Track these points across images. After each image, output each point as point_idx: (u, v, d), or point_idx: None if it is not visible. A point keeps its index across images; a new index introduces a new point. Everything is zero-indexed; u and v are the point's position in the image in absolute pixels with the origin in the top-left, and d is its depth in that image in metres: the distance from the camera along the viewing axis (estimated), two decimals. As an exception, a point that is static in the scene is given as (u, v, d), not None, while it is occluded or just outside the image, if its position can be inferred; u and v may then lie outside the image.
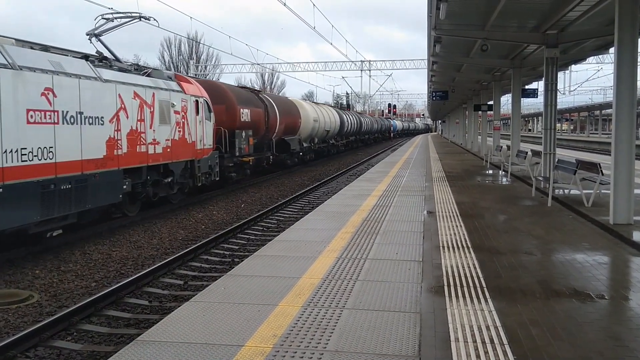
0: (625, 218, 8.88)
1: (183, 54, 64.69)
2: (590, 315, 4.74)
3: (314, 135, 30.68)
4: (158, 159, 13.05)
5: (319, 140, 32.60)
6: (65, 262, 9.38)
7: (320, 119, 31.44)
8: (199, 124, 15.37)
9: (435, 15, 13.82)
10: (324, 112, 33.85)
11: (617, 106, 9.05)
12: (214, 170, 16.34)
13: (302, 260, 6.55)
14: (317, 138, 31.70)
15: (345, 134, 41.68)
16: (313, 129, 29.82)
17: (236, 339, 4.17)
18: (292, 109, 26.75)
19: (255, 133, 20.54)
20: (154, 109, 12.80)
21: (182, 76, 15.84)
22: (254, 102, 21.01)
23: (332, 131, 35.43)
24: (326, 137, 34.30)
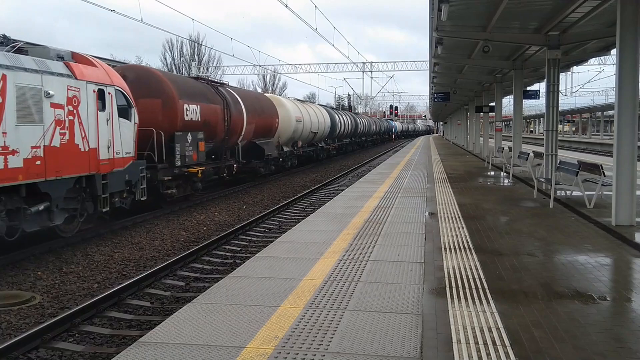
0: (628, 219, 8.86)
1: (185, 55, 64.82)
2: (592, 317, 4.73)
3: (298, 138, 26.81)
4: (15, 177, 8.68)
5: (305, 144, 28.93)
6: (67, 264, 9.38)
7: (305, 119, 27.34)
8: (106, 123, 11.09)
9: (437, 17, 13.80)
10: (311, 111, 29.68)
11: (619, 107, 9.04)
12: (139, 186, 12.28)
13: (303, 261, 6.54)
14: (302, 141, 27.92)
15: (338, 136, 37.85)
16: (296, 131, 25.85)
17: (238, 340, 4.16)
18: (266, 107, 22.47)
19: (209, 136, 16.29)
20: (5, 99, 8.57)
21: (83, 56, 11.23)
22: (207, 97, 16.47)
23: (321, 133, 31.61)
24: (314, 139, 30.38)
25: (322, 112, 32.65)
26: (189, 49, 64.12)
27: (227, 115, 17.57)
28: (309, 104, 32.40)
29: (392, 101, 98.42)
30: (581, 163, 11.71)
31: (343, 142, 40.96)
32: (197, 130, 15.46)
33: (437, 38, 15.86)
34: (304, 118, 27.19)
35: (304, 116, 27.33)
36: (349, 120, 41.77)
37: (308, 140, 29.21)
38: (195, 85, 16.66)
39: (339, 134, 37.79)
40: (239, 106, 18.98)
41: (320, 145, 32.48)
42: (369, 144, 57.76)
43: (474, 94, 34.43)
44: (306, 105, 30.68)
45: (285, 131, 24.65)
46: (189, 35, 61.04)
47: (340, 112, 42.06)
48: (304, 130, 27.46)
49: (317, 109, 32.07)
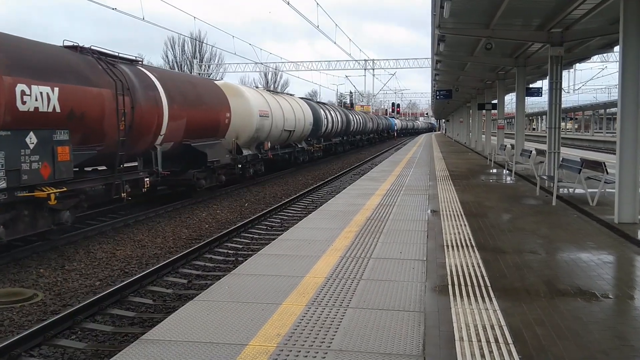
0: (631, 217, 8.84)
1: (187, 53, 64.85)
2: (595, 315, 4.72)
3: (265, 138, 21.19)
4: None
5: (277, 145, 23.53)
6: (69, 261, 9.40)
7: (275, 114, 21.92)
8: None
9: (439, 14, 13.77)
10: (285, 104, 24.18)
11: (622, 105, 9.01)
12: None
13: (305, 259, 6.54)
14: (272, 142, 22.25)
15: (325, 134, 32.47)
16: (260, 129, 20.26)
17: (240, 337, 4.16)
18: (208, 96, 16.15)
19: (88, 137, 10.62)
20: None
21: None
22: (79, 75, 10.47)
23: (300, 132, 26.25)
24: (289, 139, 25.01)
25: (302, 107, 26.99)
26: (190, 46, 64.16)
27: (127, 104, 11.63)
28: (284, 96, 26.54)
29: (394, 99, 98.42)
30: (584, 160, 11.68)
31: (332, 142, 35.76)
32: (53, 127, 9.55)
33: (439, 35, 15.82)
34: (273, 113, 21.67)
35: (273, 110, 21.84)
36: (338, 117, 36.45)
37: (281, 140, 23.64)
38: (53, 55, 10.20)
39: (325, 132, 32.46)
40: (154, 93, 13.02)
41: (300, 146, 27.05)
42: (364, 144, 52.13)
43: (476, 91, 34.37)
44: (278, 96, 24.87)
45: (244, 129, 19.09)
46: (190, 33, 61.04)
47: (328, 106, 36.64)
48: (274, 128, 21.93)
49: (294, 102, 26.46)
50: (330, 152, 36.76)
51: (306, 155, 28.27)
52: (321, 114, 31.14)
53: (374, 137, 58.08)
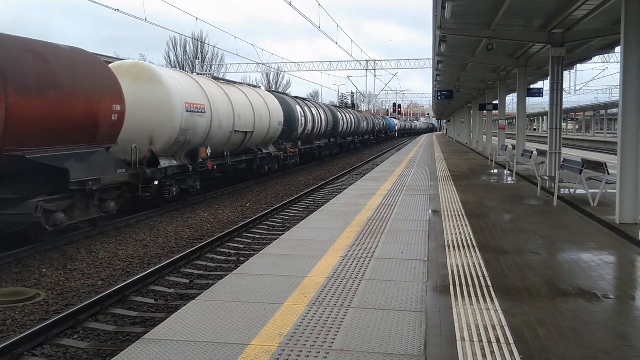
0: (632, 217, 8.84)
1: (188, 53, 64.89)
2: (597, 315, 4.73)
3: (201, 143, 15.27)
4: None
5: (228, 151, 17.57)
6: (71, 261, 9.41)
7: (219, 109, 16.05)
8: None
9: (441, 14, 13.78)
10: (237, 97, 18.20)
11: (623, 105, 9.01)
12: None
13: (307, 259, 6.55)
14: (216, 147, 16.41)
15: (302, 136, 26.93)
16: (191, 130, 14.41)
17: (241, 337, 4.17)
18: (69, 76, 10.28)
19: None
20: None
21: None
22: None
23: (264, 133, 20.56)
24: (244, 143, 18.89)
25: (267, 101, 21.24)
26: (192, 47, 64.20)
27: None
28: (240, 86, 20.47)
29: (395, 99, 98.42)
30: (585, 161, 11.68)
31: (314, 144, 30.08)
32: None
33: (441, 35, 15.83)
34: (214, 107, 15.73)
35: (215, 104, 15.81)
36: (322, 115, 30.85)
37: (232, 145, 17.88)
38: None
39: (303, 133, 27.01)
40: None
41: (266, 151, 21.28)
42: (357, 146, 46.36)
43: (478, 91, 34.37)
44: (229, 87, 18.77)
45: (162, 130, 13.46)
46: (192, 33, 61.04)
47: (308, 102, 30.80)
48: (216, 129, 15.95)
49: (254, 95, 20.56)
50: (313, 157, 30.86)
51: (274, 162, 22.37)
52: (296, 111, 25.56)
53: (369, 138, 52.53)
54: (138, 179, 12.61)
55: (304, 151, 28.26)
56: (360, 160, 35.22)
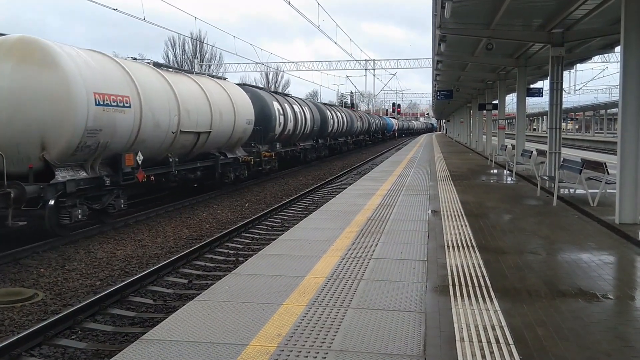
0: (631, 217, 8.83)
1: (187, 53, 64.89)
2: (596, 316, 4.71)
3: (127, 148, 12.08)
4: None
5: (176, 158, 14.42)
6: (69, 261, 9.39)
7: (156, 103, 12.90)
8: None
9: (440, 14, 13.77)
10: (188, 89, 14.95)
11: (623, 105, 9.00)
12: None
13: (306, 259, 6.53)
14: (153, 153, 13.31)
15: (283, 139, 23.82)
16: (107, 131, 11.15)
17: (240, 338, 4.15)
18: None
19: None
20: None
21: None
22: None
23: (227, 134, 17.11)
24: (198, 148, 15.50)
25: (232, 95, 17.59)
26: (191, 46, 64.19)
27: None
28: (195, 77, 16.54)
29: (394, 99, 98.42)
30: (585, 161, 11.67)
31: (298, 147, 26.75)
32: None
33: (441, 35, 15.82)
34: (147, 101, 12.39)
35: (148, 98, 12.49)
36: (306, 114, 27.47)
37: (182, 150, 14.56)
38: None
39: (283, 134, 23.54)
40: None
41: (232, 156, 17.89)
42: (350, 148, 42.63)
43: (477, 91, 34.37)
44: (179, 76, 15.19)
45: (58, 132, 10.18)
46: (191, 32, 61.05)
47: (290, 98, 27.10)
48: (150, 130, 12.61)
49: (214, 86, 16.97)
50: (298, 161, 27.85)
51: (242, 168, 18.60)
52: (272, 108, 22.02)
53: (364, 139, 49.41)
54: (6, 201, 9.17)
55: (286, 155, 24.95)
56: (359, 161, 35.17)
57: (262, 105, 21.42)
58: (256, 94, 21.75)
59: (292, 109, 25.09)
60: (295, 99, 28.57)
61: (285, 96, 27.05)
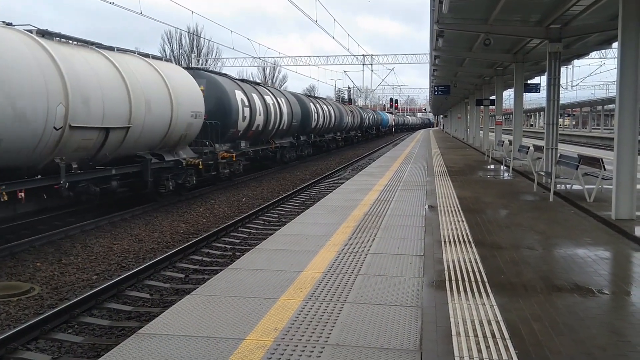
0: (628, 213, 8.85)
1: (184, 47, 64.68)
2: (592, 311, 4.73)
3: None
4: None
5: (67, 164, 10.51)
6: (66, 255, 9.38)
7: (22, 87, 9.11)
8: None
9: (438, 9, 13.76)
10: (95, 67, 11.29)
11: (620, 101, 9.01)
12: None
13: (303, 254, 6.53)
14: (23, 156, 9.50)
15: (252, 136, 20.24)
16: None
17: (237, 332, 4.16)
18: None
19: None
20: None
21: None
22: None
23: (162, 132, 13.54)
24: (109, 149, 11.66)
25: (169, 80, 13.85)
26: (187, 40, 63.97)
27: None
28: (108, 52, 12.37)
29: (392, 94, 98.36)
30: (581, 157, 11.69)
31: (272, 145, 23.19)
32: None
33: (438, 31, 15.80)
34: (4, 84, 8.85)
35: (7, 80, 8.93)
36: (285, 107, 24.00)
37: (79, 152, 10.98)
38: None
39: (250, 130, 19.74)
40: None
41: (171, 158, 14.14)
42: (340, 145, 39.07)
43: (475, 87, 34.38)
44: (76, 49, 11.39)
45: None
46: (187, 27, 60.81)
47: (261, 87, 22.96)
48: (9, 126, 8.96)
49: (142, 67, 13.19)
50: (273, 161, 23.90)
51: (188, 174, 14.57)
52: (234, 98, 18.06)
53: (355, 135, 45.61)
54: None
55: (256, 155, 21.42)
56: (351, 158, 35.13)
57: (219, 95, 17.68)
58: (212, 81, 17.93)
59: (262, 100, 21.07)
60: (268, 88, 24.43)
61: (255, 85, 22.46)
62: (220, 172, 17.11)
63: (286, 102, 24.81)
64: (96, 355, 5.53)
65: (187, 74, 15.64)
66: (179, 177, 14.46)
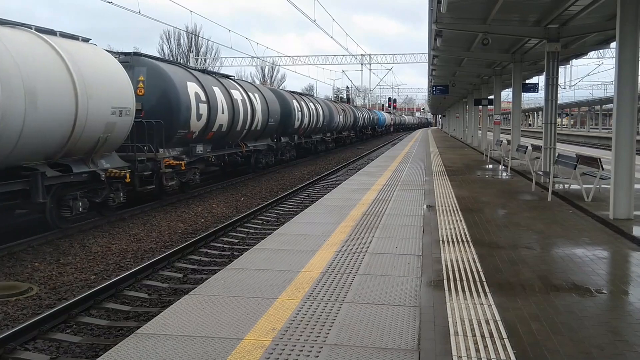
0: (626, 213, 8.87)
1: (182, 46, 64.64)
2: (590, 310, 4.74)
3: None
4: None
5: None
6: (64, 255, 9.37)
7: None
8: None
9: (437, 9, 13.77)
10: None
11: (618, 101, 9.02)
12: None
13: (301, 254, 6.54)
14: None
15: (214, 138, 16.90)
16: None
17: (235, 332, 4.16)
18: None
19: None
20: None
21: None
22: None
23: (62, 135, 9.91)
24: None
25: (75, 63, 10.32)
26: (186, 40, 63.93)
27: None
28: None
29: (390, 94, 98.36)
30: (579, 156, 11.70)
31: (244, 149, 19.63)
32: None
33: (437, 30, 15.81)
34: None
35: None
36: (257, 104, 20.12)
37: None
38: None
39: (207, 132, 16.07)
40: None
41: (80, 170, 10.70)
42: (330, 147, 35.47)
43: (473, 86, 34.39)
44: None
45: None
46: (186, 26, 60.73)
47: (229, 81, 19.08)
48: None
49: (28, 45, 9.52)
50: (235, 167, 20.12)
51: (111, 189, 11.80)
52: (186, 91, 14.62)
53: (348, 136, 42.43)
54: None
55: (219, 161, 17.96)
56: (350, 157, 35.13)
57: (165, 88, 14.05)
58: (155, 70, 14.11)
59: (227, 94, 17.48)
60: (238, 82, 20.16)
61: (220, 77, 18.66)
62: (165, 184, 13.93)
63: (261, 97, 20.99)
64: (94, 355, 5.53)
65: (109, 58, 12.03)
66: (97, 194, 11.36)
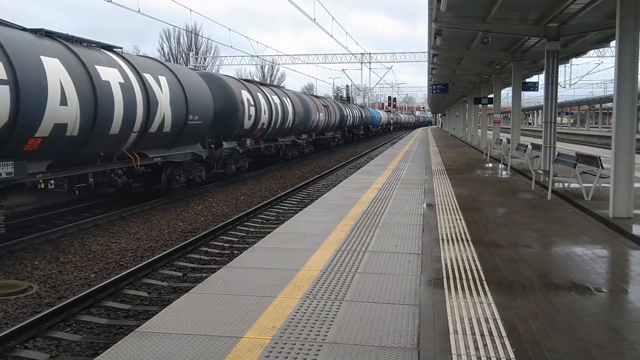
0: (625, 211, 8.87)
1: (182, 45, 64.59)
2: (589, 309, 4.74)
3: None
4: None
5: None
6: (64, 254, 9.37)
7: None
8: None
9: (436, 7, 13.76)
10: None
11: (618, 100, 9.01)
12: None
13: (301, 252, 6.54)
14: None
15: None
16: None
17: (235, 330, 4.16)
18: None
19: None
20: None
21: None
22: None
23: None
24: None
25: None
26: (186, 39, 63.88)
27: None
28: None
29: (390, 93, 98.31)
30: (579, 155, 11.70)
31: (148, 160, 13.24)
32: None
33: (436, 29, 15.80)
34: None
35: None
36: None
37: None
38: None
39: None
40: None
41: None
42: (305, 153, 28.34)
43: (473, 85, 34.38)
44: None
45: None
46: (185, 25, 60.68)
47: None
48: None
49: None
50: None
51: None
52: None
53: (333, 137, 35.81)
54: None
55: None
56: (351, 156, 35.10)
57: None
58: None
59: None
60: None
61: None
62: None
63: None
64: (94, 354, 5.53)
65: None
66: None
